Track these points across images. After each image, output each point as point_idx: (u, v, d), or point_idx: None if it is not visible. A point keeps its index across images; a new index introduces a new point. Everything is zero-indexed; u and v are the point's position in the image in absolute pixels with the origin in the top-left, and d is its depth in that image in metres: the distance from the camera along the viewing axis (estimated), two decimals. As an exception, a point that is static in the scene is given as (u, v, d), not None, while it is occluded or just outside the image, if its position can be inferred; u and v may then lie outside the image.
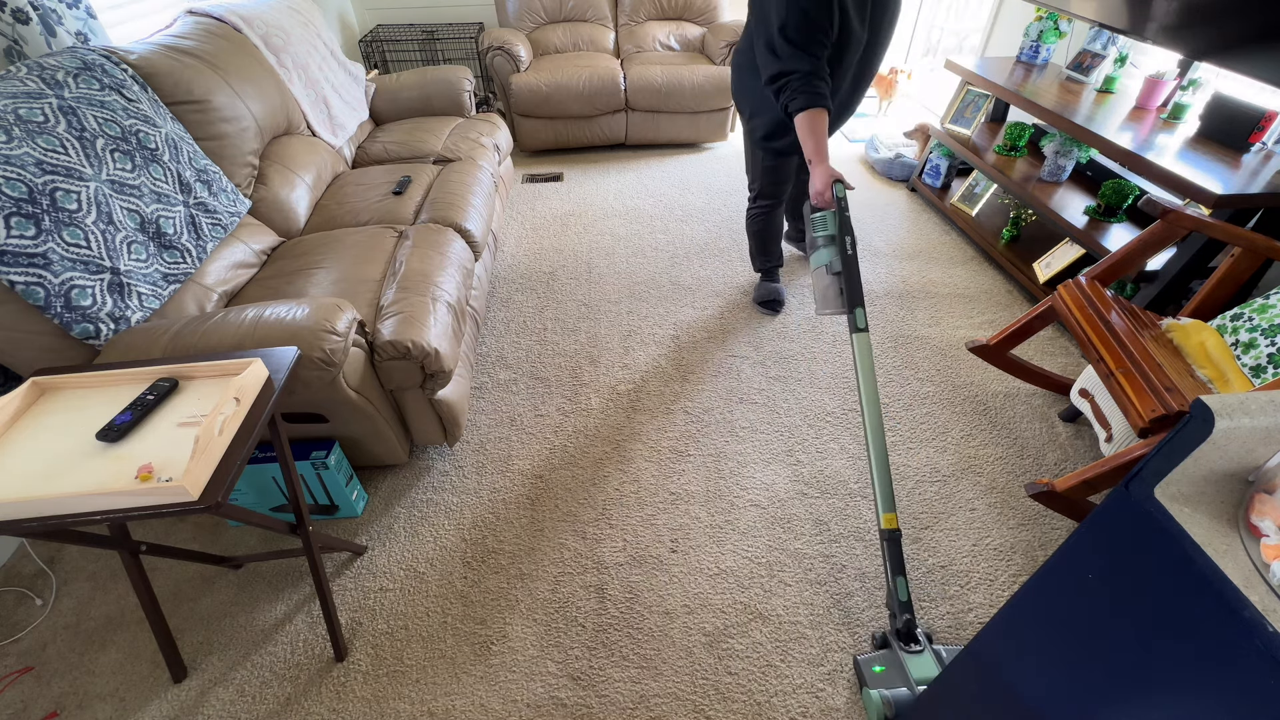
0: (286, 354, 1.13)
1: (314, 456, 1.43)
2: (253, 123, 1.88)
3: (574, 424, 1.83)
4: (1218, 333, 1.38)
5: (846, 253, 1.40)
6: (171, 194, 1.51)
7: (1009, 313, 2.27)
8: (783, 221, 2.24)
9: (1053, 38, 2.59)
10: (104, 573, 1.48)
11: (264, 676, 1.28)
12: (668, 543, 1.52)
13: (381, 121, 2.70)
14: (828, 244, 1.44)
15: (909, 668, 1.16)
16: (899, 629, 1.23)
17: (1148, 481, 0.55)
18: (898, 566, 1.24)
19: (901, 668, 1.17)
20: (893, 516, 1.26)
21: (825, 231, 1.44)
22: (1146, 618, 0.56)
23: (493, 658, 1.31)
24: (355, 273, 1.63)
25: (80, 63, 1.43)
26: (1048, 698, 0.69)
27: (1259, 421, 0.50)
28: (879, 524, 1.29)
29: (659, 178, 3.23)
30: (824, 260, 1.43)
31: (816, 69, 1.51)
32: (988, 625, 0.81)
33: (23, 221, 1.17)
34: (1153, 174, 1.76)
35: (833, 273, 1.43)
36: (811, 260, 1.46)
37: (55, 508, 0.86)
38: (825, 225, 1.44)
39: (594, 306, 2.30)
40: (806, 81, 1.51)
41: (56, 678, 1.29)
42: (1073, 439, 1.78)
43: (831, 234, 1.44)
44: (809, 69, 1.50)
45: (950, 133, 2.78)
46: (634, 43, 3.55)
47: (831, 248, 1.43)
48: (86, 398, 1.04)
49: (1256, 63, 1.62)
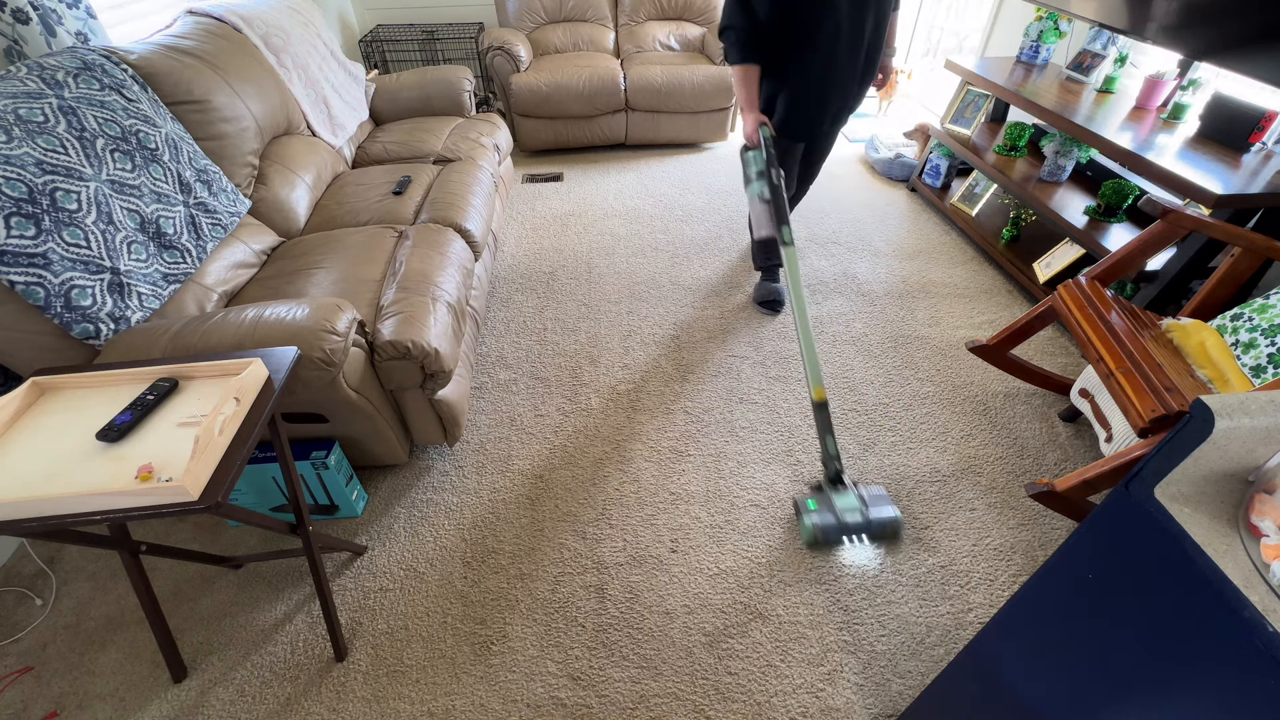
0: (286, 354, 1.13)
1: (314, 456, 1.43)
2: (253, 123, 1.88)
3: (574, 424, 1.83)
4: (1218, 333, 1.38)
5: (773, 182, 1.64)
6: (171, 194, 1.51)
7: (1009, 313, 2.27)
8: None
9: (1053, 38, 2.59)
10: (104, 573, 1.48)
11: (264, 676, 1.28)
12: (668, 543, 1.52)
13: (381, 121, 2.70)
14: (759, 178, 1.67)
15: (835, 503, 1.50)
16: (829, 476, 1.54)
17: (1148, 481, 0.55)
18: (826, 428, 1.52)
19: (831, 504, 1.50)
20: (821, 390, 1.54)
21: (757, 167, 1.67)
22: (1146, 618, 0.56)
23: (493, 658, 1.31)
24: (355, 273, 1.63)
25: (80, 63, 1.43)
26: (1048, 698, 0.69)
27: (1259, 421, 0.50)
28: (811, 397, 1.58)
29: (659, 178, 3.23)
30: (757, 191, 1.67)
31: (752, 26, 1.66)
32: (988, 625, 0.81)
33: (23, 221, 1.17)
34: (1153, 174, 1.76)
35: (763, 200, 1.66)
36: (747, 193, 1.71)
37: (55, 508, 0.86)
38: (756, 162, 1.68)
39: (594, 306, 2.30)
40: (743, 36, 1.67)
41: (56, 678, 1.29)
42: (1073, 439, 1.78)
43: (761, 169, 1.66)
44: (745, 25, 1.66)
45: (950, 133, 2.78)
46: (634, 43, 3.55)
47: (763, 181, 1.66)
48: (86, 398, 1.04)
49: (1256, 63, 1.62)
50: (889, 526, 1.48)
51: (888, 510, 1.49)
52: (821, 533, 1.46)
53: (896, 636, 1.33)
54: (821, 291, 2.38)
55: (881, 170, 3.27)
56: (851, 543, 1.49)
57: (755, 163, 1.67)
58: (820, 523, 1.46)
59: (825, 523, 1.46)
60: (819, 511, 1.48)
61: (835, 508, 1.48)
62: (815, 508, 1.50)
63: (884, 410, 1.87)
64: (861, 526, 1.47)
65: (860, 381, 1.97)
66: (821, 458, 1.58)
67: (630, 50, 3.53)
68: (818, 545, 1.49)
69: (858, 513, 1.47)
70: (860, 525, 1.46)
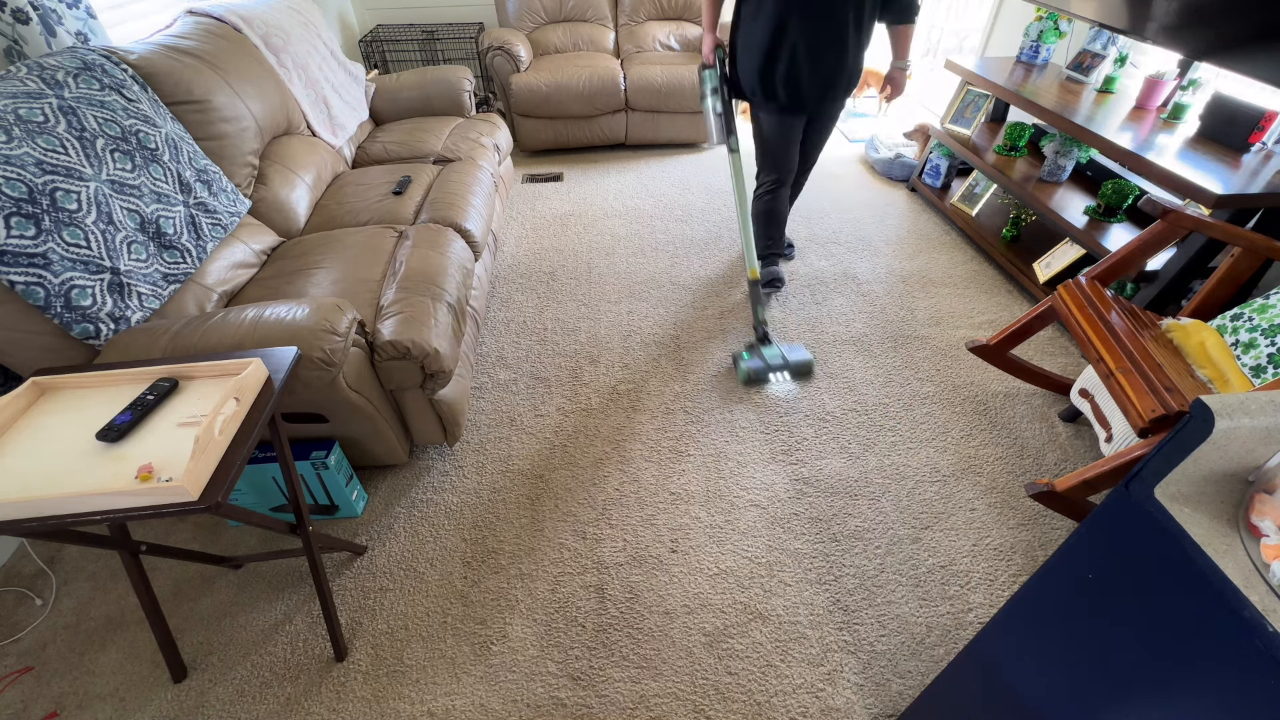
0: (286, 354, 1.13)
1: (314, 456, 1.43)
2: (253, 123, 1.88)
3: (574, 424, 1.83)
4: (1218, 333, 1.38)
5: (724, 98, 1.99)
6: (171, 194, 1.51)
7: (1009, 313, 2.27)
8: (787, 206, 2.26)
9: (1053, 38, 2.59)
10: (104, 573, 1.48)
11: (264, 676, 1.28)
12: (668, 543, 1.52)
13: (381, 121, 2.70)
14: (713, 94, 1.98)
15: (764, 355, 1.96)
16: (758, 336, 2.04)
17: (1148, 481, 0.55)
18: (758, 300, 2.04)
19: (760, 354, 1.96)
20: (755, 271, 2.06)
21: (712, 84, 1.98)
22: (1146, 618, 0.56)
23: (493, 658, 1.31)
24: (355, 273, 1.63)
25: (80, 63, 1.43)
26: (1048, 698, 0.69)
27: (1259, 421, 0.50)
28: (747, 276, 2.12)
29: (659, 178, 3.23)
30: (711, 105, 1.98)
31: None
32: (988, 625, 0.81)
33: (23, 221, 1.17)
34: (1153, 174, 1.76)
35: (715, 114, 1.99)
36: (704, 106, 2.01)
37: (55, 508, 0.86)
38: (711, 80, 1.98)
39: (594, 306, 2.30)
40: None
41: (56, 678, 1.29)
42: (1073, 439, 1.78)
43: (715, 86, 1.97)
44: None
45: (950, 133, 2.78)
46: (634, 43, 3.55)
47: (716, 96, 1.97)
48: (86, 398, 1.04)
49: (1256, 63, 1.62)
50: (803, 365, 1.95)
51: (802, 354, 1.96)
52: (754, 372, 1.91)
53: (896, 636, 1.33)
54: (821, 291, 2.38)
55: (881, 170, 3.27)
56: (775, 379, 1.95)
57: (710, 80, 1.97)
58: (751, 366, 1.91)
59: (755, 365, 1.91)
60: (751, 360, 1.93)
61: (762, 355, 1.95)
62: (749, 357, 1.94)
63: (884, 410, 1.87)
64: (782, 366, 1.94)
65: (860, 381, 1.97)
66: (753, 323, 2.08)
67: (630, 50, 3.53)
68: (751, 382, 1.94)
69: (780, 358, 1.95)
70: (780, 365, 1.94)
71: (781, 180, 2.14)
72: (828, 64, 1.83)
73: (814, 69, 1.83)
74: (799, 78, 1.85)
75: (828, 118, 2.06)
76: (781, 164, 2.10)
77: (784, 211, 2.25)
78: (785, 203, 2.23)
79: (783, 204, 2.22)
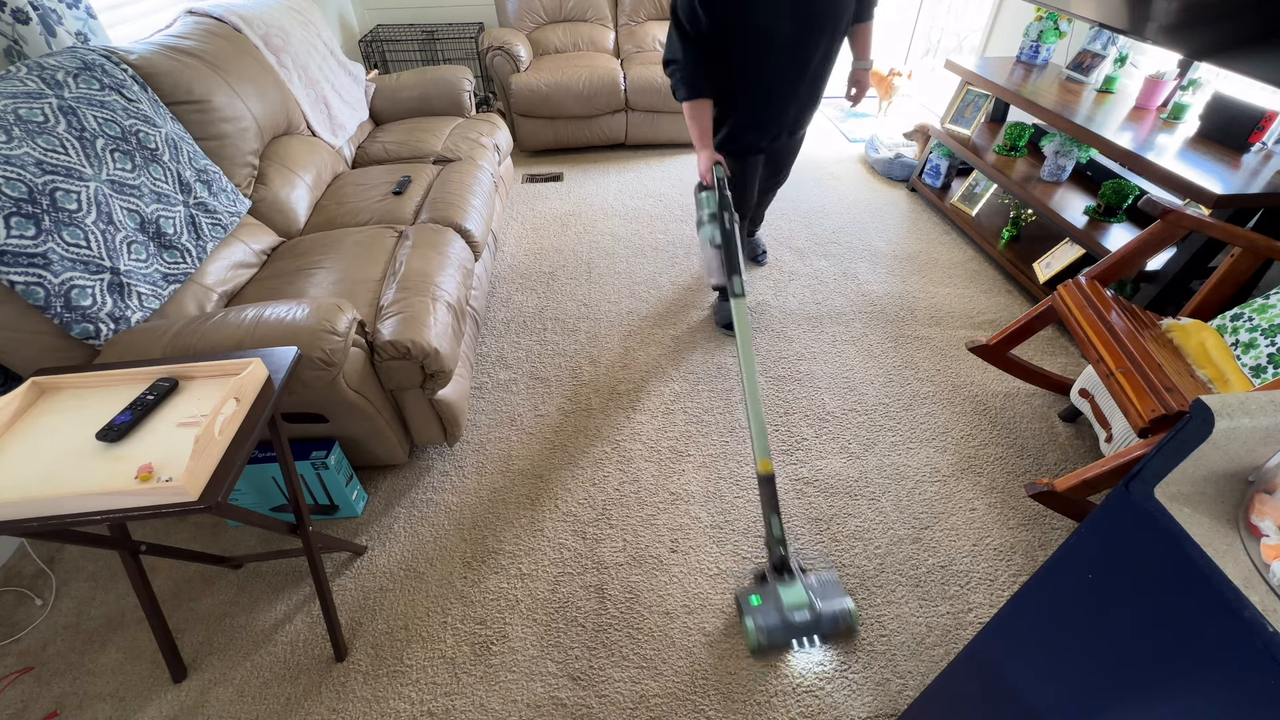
0: (286, 354, 1.13)
1: (314, 456, 1.43)
2: (253, 123, 1.88)
3: (574, 424, 1.83)
4: (1218, 333, 1.38)
5: (725, 228, 1.51)
6: (171, 194, 1.51)
7: (1009, 313, 2.27)
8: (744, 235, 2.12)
9: (1052, 38, 2.59)
10: (104, 573, 1.48)
11: (264, 677, 1.28)
12: (668, 543, 1.52)
13: (381, 121, 2.70)
14: (711, 221, 1.53)
15: (782, 597, 1.28)
16: (774, 563, 1.34)
17: (1148, 481, 0.55)
18: (773, 506, 1.34)
19: (777, 599, 1.28)
20: (767, 462, 1.35)
21: (709, 209, 1.54)
22: (1146, 618, 0.56)
23: (493, 658, 1.31)
24: (355, 273, 1.63)
25: (80, 63, 1.43)
26: (1047, 697, 0.69)
27: (1259, 421, 0.50)
28: (756, 470, 1.49)
29: (659, 178, 3.23)
30: (709, 235, 1.53)
31: (698, 59, 1.56)
32: (988, 625, 0.81)
33: (23, 221, 1.17)
34: (1152, 174, 1.76)
35: (714, 246, 1.52)
36: (699, 235, 1.58)
37: (55, 508, 0.86)
38: (709, 204, 1.55)
39: (594, 306, 2.30)
40: (689, 71, 1.57)
41: (56, 678, 1.29)
42: (1073, 439, 1.78)
43: (714, 212, 1.53)
44: (689, 58, 1.56)
45: (950, 133, 2.78)
46: (634, 43, 3.55)
47: (715, 224, 1.52)
48: (86, 398, 1.04)
49: (1256, 63, 1.62)
50: (842, 622, 1.27)
51: (840, 602, 1.28)
52: (767, 635, 1.25)
53: (896, 636, 1.33)
54: (822, 291, 2.38)
55: (881, 170, 3.26)
56: (801, 645, 1.29)
57: (708, 204, 1.55)
58: (765, 624, 1.25)
59: (770, 624, 1.26)
60: (763, 610, 1.28)
61: (781, 604, 1.27)
62: (759, 604, 1.29)
63: (884, 410, 1.87)
64: (811, 626, 1.26)
65: (860, 381, 1.97)
66: (766, 540, 1.37)
67: (630, 50, 3.53)
68: (763, 652, 1.30)
69: (806, 609, 1.26)
70: (810, 624, 1.26)
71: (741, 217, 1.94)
72: (794, 105, 1.73)
73: (780, 111, 1.73)
74: (762, 122, 1.74)
75: (796, 139, 1.96)
76: (741, 205, 1.90)
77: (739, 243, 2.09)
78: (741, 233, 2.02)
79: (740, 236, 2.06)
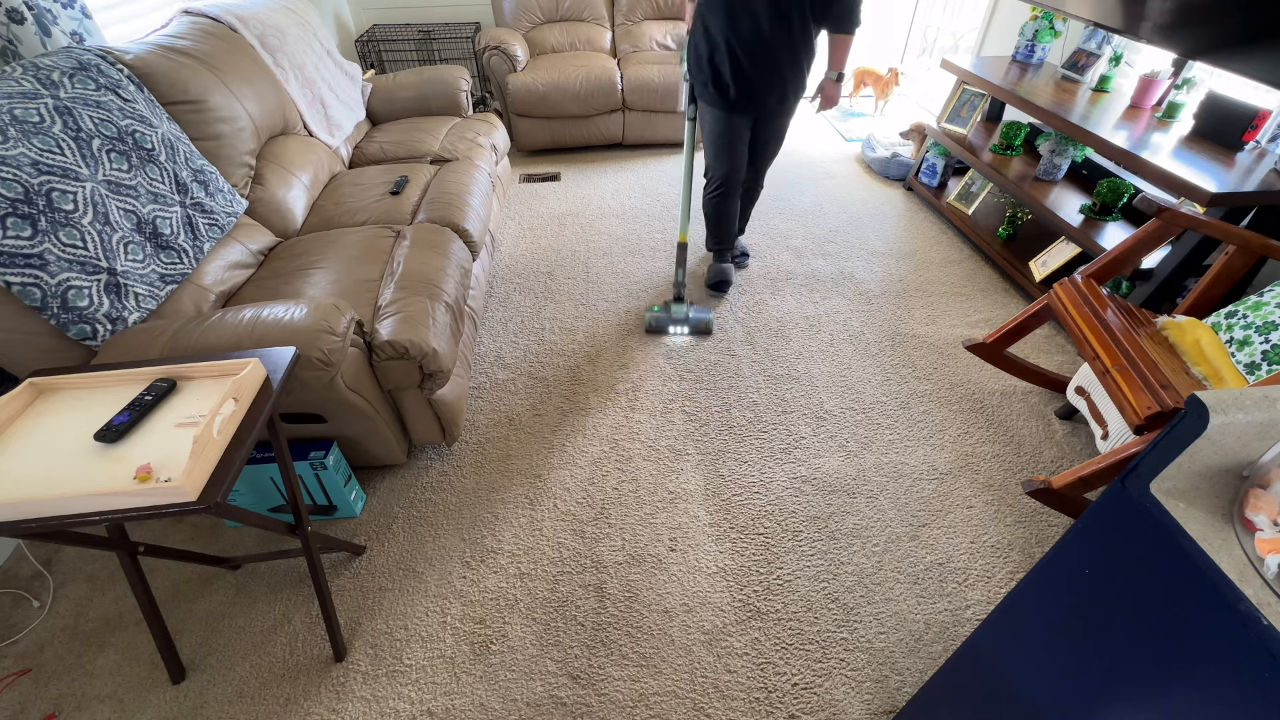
0: (285, 354, 1.13)
1: (312, 457, 1.43)
2: (249, 123, 1.87)
3: (572, 423, 1.83)
4: (1212, 330, 1.39)
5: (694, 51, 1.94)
6: (168, 194, 1.51)
7: (1005, 311, 2.27)
8: (737, 207, 2.26)
9: (1048, 37, 2.60)
10: (102, 574, 1.47)
11: (263, 677, 1.28)
12: (666, 541, 1.52)
13: (378, 121, 2.70)
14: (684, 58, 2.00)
15: (673, 312, 2.17)
16: (675, 296, 2.20)
17: (1143, 477, 0.55)
18: (681, 262, 2.14)
19: (669, 311, 2.18)
20: (684, 235, 2.11)
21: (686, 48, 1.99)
22: (1142, 613, 0.56)
23: (492, 657, 1.31)
24: (353, 273, 1.63)
25: (76, 63, 1.42)
26: (1045, 692, 0.70)
27: (1253, 417, 0.51)
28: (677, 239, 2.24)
29: (656, 177, 3.23)
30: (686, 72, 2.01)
31: None
32: (985, 622, 0.81)
33: (19, 222, 1.17)
34: (1147, 172, 1.77)
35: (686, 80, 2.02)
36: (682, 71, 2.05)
37: (53, 509, 0.86)
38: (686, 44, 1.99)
39: (592, 306, 2.30)
40: None
41: (54, 679, 1.29)
42: (1069, 436, 1.78)
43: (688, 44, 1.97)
44: None
45: (946, 132, 2.79)
46: (631, 42, 3.55)
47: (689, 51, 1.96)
48: (84, 398, 1.04)
49: (1250, 62, 1.63)
50: (702, 324, 2.14)
51: (705, 315, 2.16)
52: (655, 322, 2.15)
53: (894, 633, 1.34)
54: (819, 290, 2.38)
55: (878, 169, 3.27)
56: (675, 331, 2.15)
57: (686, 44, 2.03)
58: (656, 317, 2.16)
59: (660, 317, 2.16)
60: (659, 312, 2.18)
61: (673, 315, 2.16)
62: (658, 310, 2.19)
63: (881, 408, 1.87)
64: (683, 321, 2.15)
65: (858, 380, 1.97)
66: (673, 282, 2.22)
67: (627, 50, 3.53)
68: (651, 330, 2.16)
69: (684, 315, 2.16)
70: (682, 320, 2.15)
71: (729, 180, 2.12)
72: (770, 63, 1.83)
73: (756, 67, 1.83)
74: (741, 74, 1.85)
75: (774, 123, 2.05)
76: (727, 160, 2.08)
77: (733, 212, 2.25)
78: (735, 204, 2.22)
79: (732, 205, 2.22)
